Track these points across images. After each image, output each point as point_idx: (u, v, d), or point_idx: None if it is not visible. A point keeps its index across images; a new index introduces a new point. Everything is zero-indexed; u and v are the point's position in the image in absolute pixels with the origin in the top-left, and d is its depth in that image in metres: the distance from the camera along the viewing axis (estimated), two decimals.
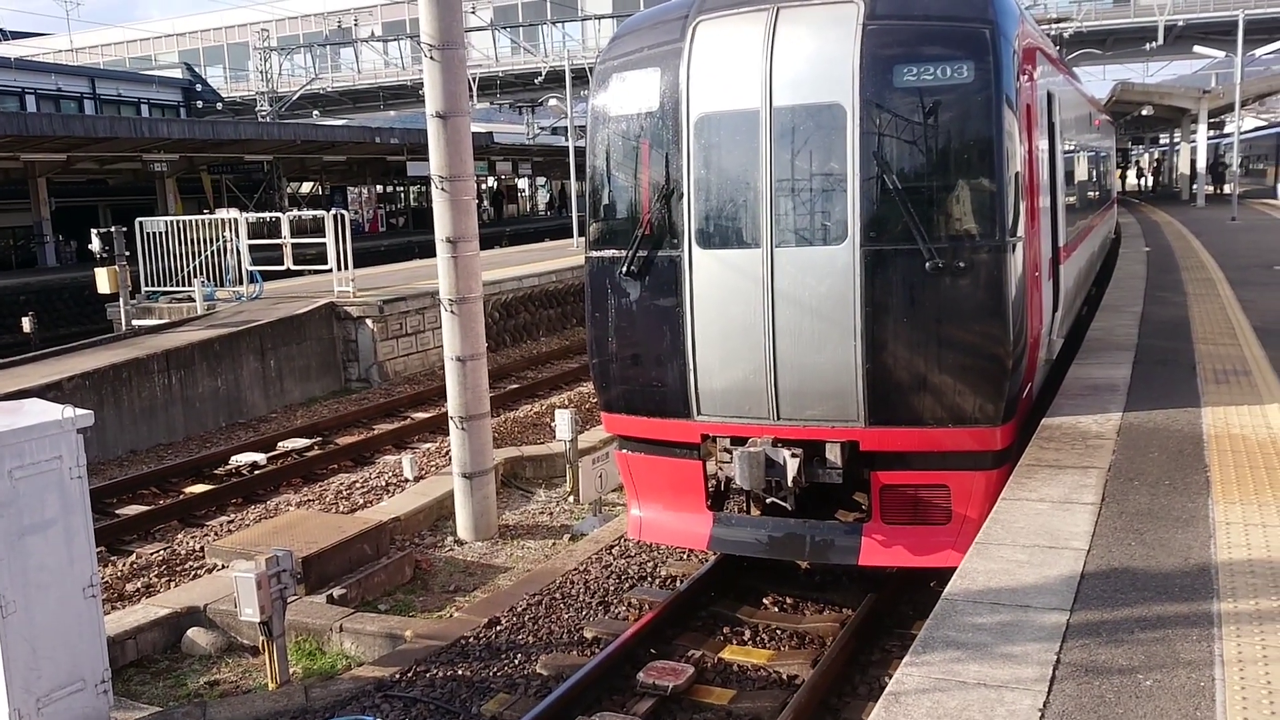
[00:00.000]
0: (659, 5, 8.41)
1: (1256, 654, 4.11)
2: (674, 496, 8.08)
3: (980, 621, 4.54)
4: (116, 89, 52.43)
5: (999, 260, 6.94)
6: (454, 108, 10.25)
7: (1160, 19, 43.88)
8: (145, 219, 21.56)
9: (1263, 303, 13.32)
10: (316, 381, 18.75)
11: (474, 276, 10.63)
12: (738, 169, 7.37)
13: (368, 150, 38.88)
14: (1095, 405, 8.11)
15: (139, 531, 11.60)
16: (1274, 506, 5.77)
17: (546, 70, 50.12)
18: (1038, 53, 8.59)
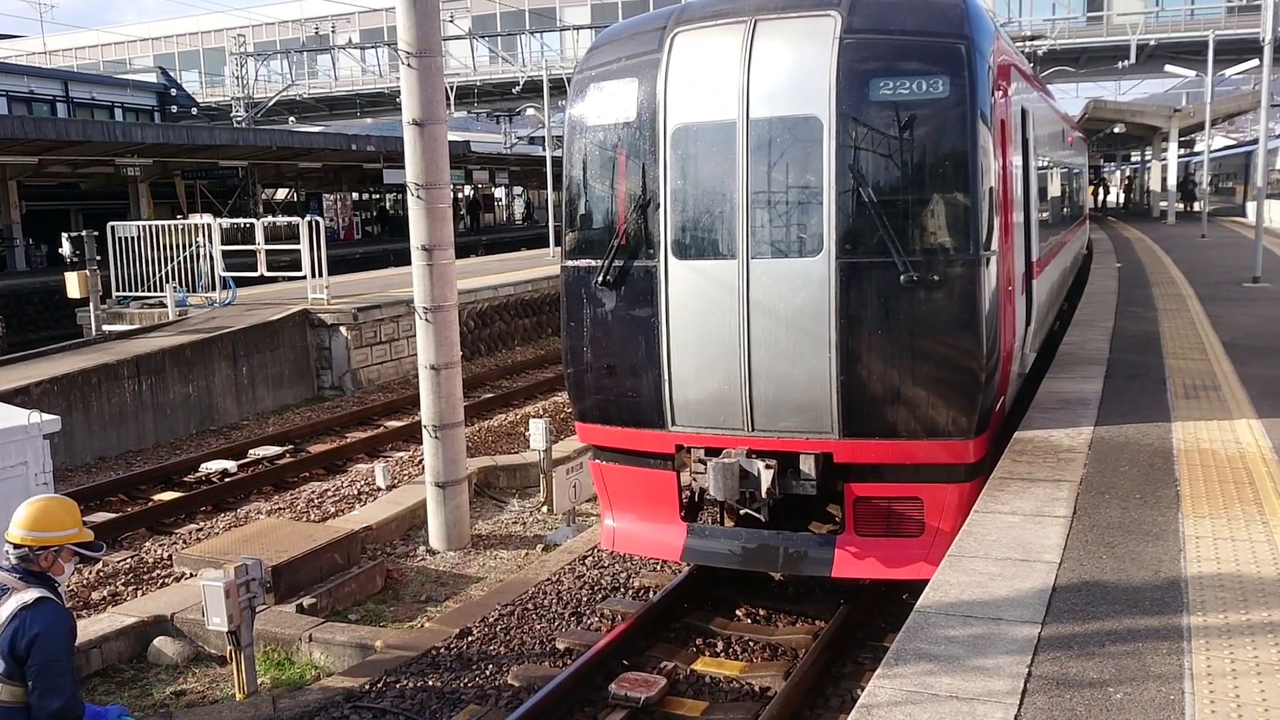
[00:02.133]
0: (637, 16, 8.42)
1: (1225, 668, 4.14)
2: (648, 507, 8.05)
3: (952, 634, 4.55)
4: (90, 92, 51.96)
5: (973, 274, 6.98)
6: (431, 115, 10.22)
7: (1133, 38, 44.40)
8: (117, 223, 21.35)
9: (1231, 319, 13.48)
10: (289, 389, 18.60)
11: (449, 285, 10.59)
12: (714, 180, 7.38)
13: (344, 157, 38.74)
14: (1067, 419, 8.16)
15: (106, 539, 11.43)
16: (1243, 521, 5.82)
17: (524, 80, 50.10)
18: (1012, 69, 8.66)
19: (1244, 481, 6.54)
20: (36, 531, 4.47)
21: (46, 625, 4.28)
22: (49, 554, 4.50)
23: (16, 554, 4.47)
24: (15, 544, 4.47)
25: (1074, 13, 49.09)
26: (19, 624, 4.26)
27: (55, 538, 4.50)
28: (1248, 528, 5.71)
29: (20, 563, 4.46)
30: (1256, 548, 5.42)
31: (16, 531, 4.48)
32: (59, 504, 4.66)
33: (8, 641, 4.25)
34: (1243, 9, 39.13)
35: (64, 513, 4.59)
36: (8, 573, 4.46)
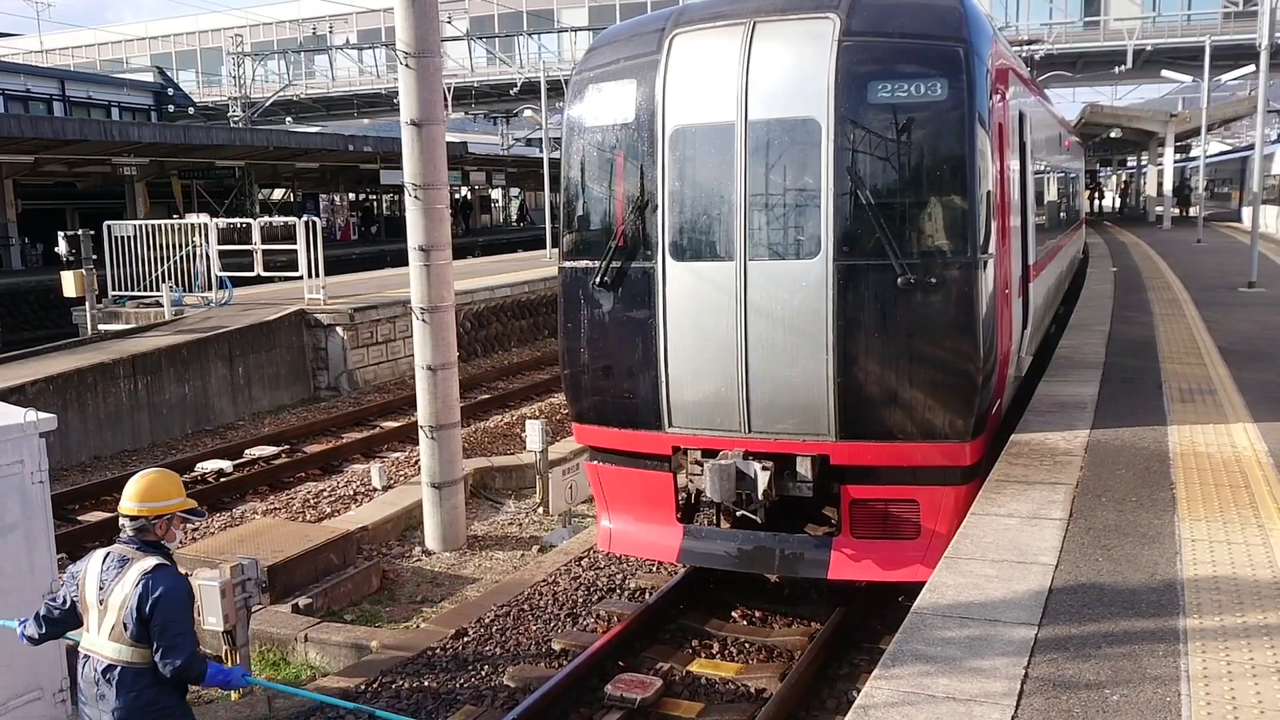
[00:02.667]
0: (636, 18, 8.42)
1: (1221, 669, 4.15)
2: (644, 508, 8.05)
3: (949, 635, 4.55)
4: (87, 91, 51.88)
5: (970, 277, 6.99)
6: (429, 116, 10.22)
7: (1129, 43, 44.49)
8: (113, 223, 21.33)
9: (1227, 323, 13.50)
10: (285, 389, 18.58)
11: (446, 285, 10.59)
12: (712, 182, 7.38)
13: (341, 158, 38.71)
14: (1063, 422, 8.18)
15: (101, 538, 11.40)
16: (1238, 524, 5.83)
17: (522, 81, 50.07)
18: (1010, 73, 8.67)
19: (1239, 485, 6.55)
20: (149, 502, 4.83)
21: (168, 587, 4.66)
22: (162, 522, 4.86)
23: (133, 525, 4.82)
24: (132, 516, 4.82)
25: (1071, 17, 49.20)
26: (144, 588, 4.63)
27: (166, 506, 4.86)
28: (1243, 531, 5.72)
29: (136, 534, 4.83)
30: (1252, 551, 5.43)
31: (132, 504, 4.82)
32: (164, 476, 5.02)
33: (135, 605, 4.62)
34: (1239, 14, 39.23)
35: (169, 484, 4.96)
36: (125, 544, 4.82)
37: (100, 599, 4.73)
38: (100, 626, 4.72)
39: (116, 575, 4.72)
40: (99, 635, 4.73)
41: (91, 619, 4.77)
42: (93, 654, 4.74)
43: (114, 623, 4.69)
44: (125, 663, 4.69)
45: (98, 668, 4.72)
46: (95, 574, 4.79)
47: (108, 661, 4.70)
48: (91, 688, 4.74)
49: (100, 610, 4.73)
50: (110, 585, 4.72)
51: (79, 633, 4.92)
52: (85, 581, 4.81)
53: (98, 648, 4.74)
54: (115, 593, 4.70)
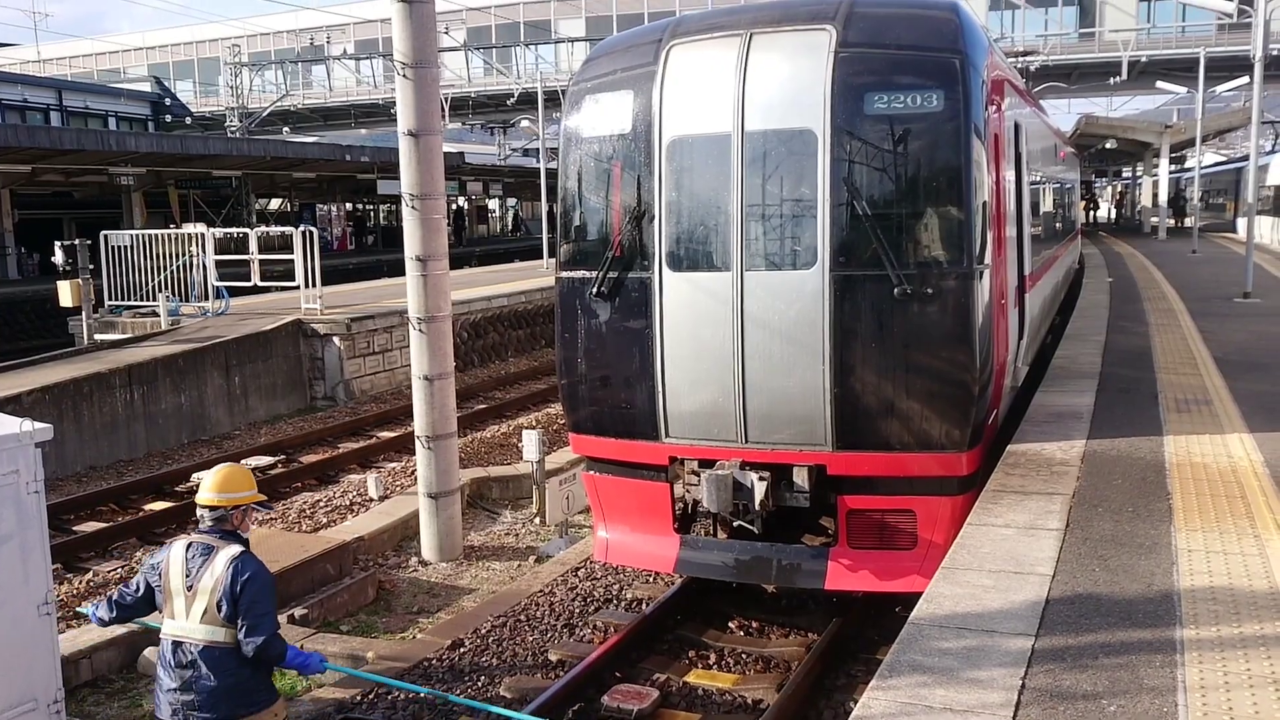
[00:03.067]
0: (633, 29, 8.44)
1: (1218, 680, 4.15)
2: (641, 519, 8.05)
3: (946, 646, 4.55)
4: (84, 101, 51.93)
5: (966, 287, 7.01)
6: (426, 126, 10.23)
7: (1124, 54, 44.68)
8: (110, 232, 21.32)
9: (1223, 334, 13.54)
10: (282, 399, 18.57)
11: (443, 295, 10.59)
12: (709, 192, 7.39)
13: (338, 168, 38.73)
14: (1060, 432, 8.19)
15: (97, 549, 11.40)
16: (1235, 534, 5.84)
17: (519, 91, 50.22)
18: (1005, 84, 8.71)
19: (1236, 495, 6.56)
20: (228, 493, 5.13)
21: (255, 571, 4.99)
22: (238, 513, 5.17)
23: (213, 516, 5.13)
24: (212, 506, 5.12)
25: (1066, 29, 49.41)
26: (235, 571, 4.93)
27: (241, 498, 5.17)
28: (1240, 541, 5.73)
29: (216, 524, 5.13)
30: (1248, 561, 5.44)
31: (212, 495, 5.12)
32: (239, 470, 5.34)
33: (228, 587, 4.91)
34: (1233, 26, 39.40)
35: (243, 478, 5.26)
36: (206, 534, 5.12)
37: (188, 585, 4.99)
38: (190, 611, 4.98)
39: (204, 562, 5.00)
40: (188, 620, 4.98)
41: (178, 605, 5.01)
42: (184, 639, 4.98)
43: (205, 606, 4.95)
44: (219, 644, 4.95)
45: (192, 650, 4.96)
46: (180, 562, 5.04)
47: (202, 644, 4.95)
48: (183, 671, 4.97)
49: (188, 596, 4.98)
50: (198, 572, 4.98)
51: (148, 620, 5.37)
52: (169, 570, 5.07)
53: (188, 632, 4.97)
54: (205, 578, 4.96)
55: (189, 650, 4.97)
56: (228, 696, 4.98)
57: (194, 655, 4.96)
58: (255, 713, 5.09)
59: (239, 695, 5.01)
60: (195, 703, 4.96)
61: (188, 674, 4.97)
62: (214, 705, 4.96)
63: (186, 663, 4.98)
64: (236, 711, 5.02)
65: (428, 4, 10.06)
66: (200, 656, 4.96)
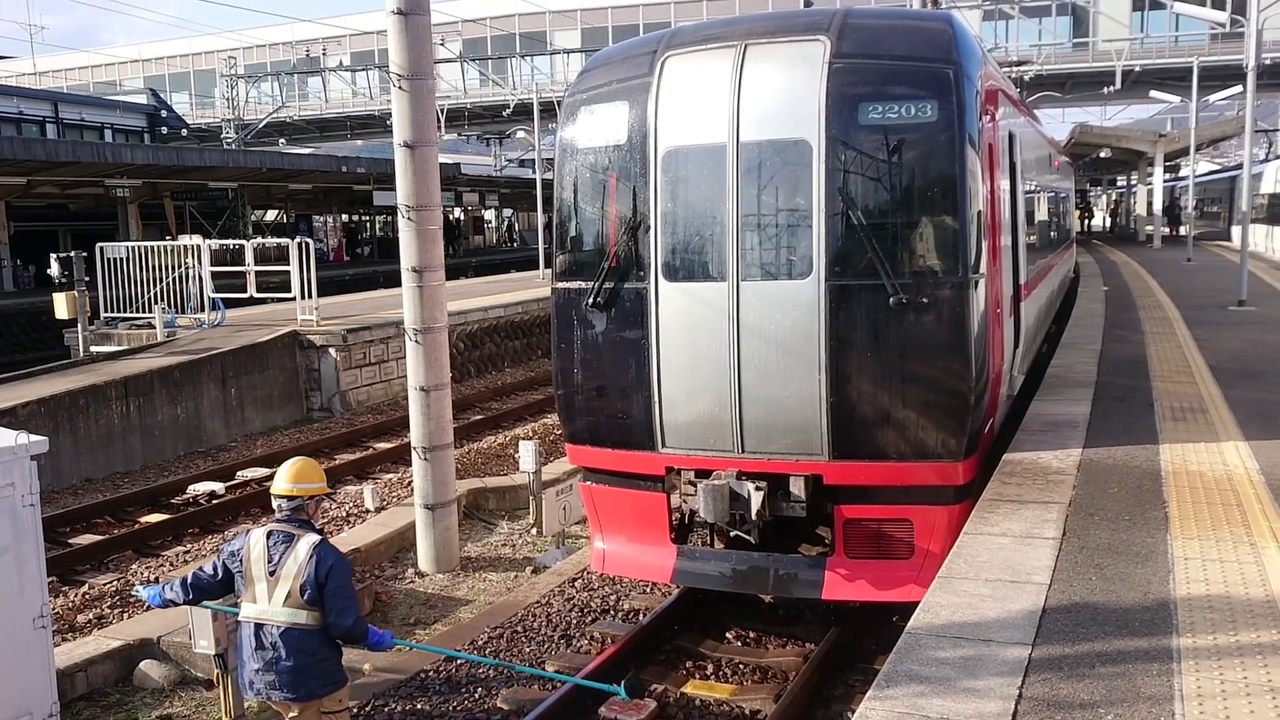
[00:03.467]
0: (628, 40, 8.46)
1: (1215, 689, 4.15)
2: (638, 529, 8.04)
3: (943, 656, 4.55)
4: (80, 113, 51.90)
5: (961, 297, 7.02)
6: (422, 138, 10.25)
7: (1118, 64, 44.83)
8: (106, 244, 21.32)
9: (1218, 342, 13.56)
10: (278, 410, 18.55)
11: (439, 306, 10.59)
12: (704, 203, 7.41)
13: (334, 179, 38.76)
14: (1056, 441, 8.19)
15: (92, 561, 11.38)
16: (1231, 542, 5.84)
17: (515, 102, 50.28)
18: (999, 94, 8.74)
19: (1231, 503, 6.57)
20: (304, 484, 5.51)
21: (336, 557, 5.37)
22: (312, 504, 5.55)
23: (290, 505, 5.47)
24: (289, 496, 5.47)
25: (1060, 38, 49.59)
26: (318, 558, 5.27)
27: (315, 488, 5.56)
28: (1235, 549, 5.73)
29: (293, 513, 5.47)
30: (1245, 569, 5.44)
31: (288, 486, 5.48)
32: (311, 463, 5.69)
33: (312, 572, 5.25)
34: (1226, 36, 39.55)
35: (315, 470, 5.63)
36: (284, 523, 5.45)
37: (271, 571, 5.31)
38: (272, 596, 5.30)
39: (286, 550, 5.32)
40: (271, 604, 5.30)
41: (260, 590, 5.32)
42: (266, 621, 5.30)
43: (289, 590, 5.27)
44: (300, 626, 5.28)
45: (273, 633, 5.28)
46: (262, 549, 5.36)
47: (284, 626, 5.28)
48: (265, 652, 5.30)
49: (271, 581, 5.30)
50: (281, 559, 5.31)
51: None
52: (251, 557, 5.37)
53: (271, 615, 5.30)
54: (287, 564, 5.29)
55: (271, 632, 5.28)
56: (307, 675, 5.30)
57: (275, 637, 5.27)
58: (331, 691, 5.43)
59: (317, 674, 5.33)
60: (276, 682, 5.29)
61: (269, 655, 5.28)
62: (294, 684, 5.28)
63: (268, 644, 5.29)
64: (314, 690, 5.34)
65: (423, 16, 10.09)
66: (281, 638, 5.26)
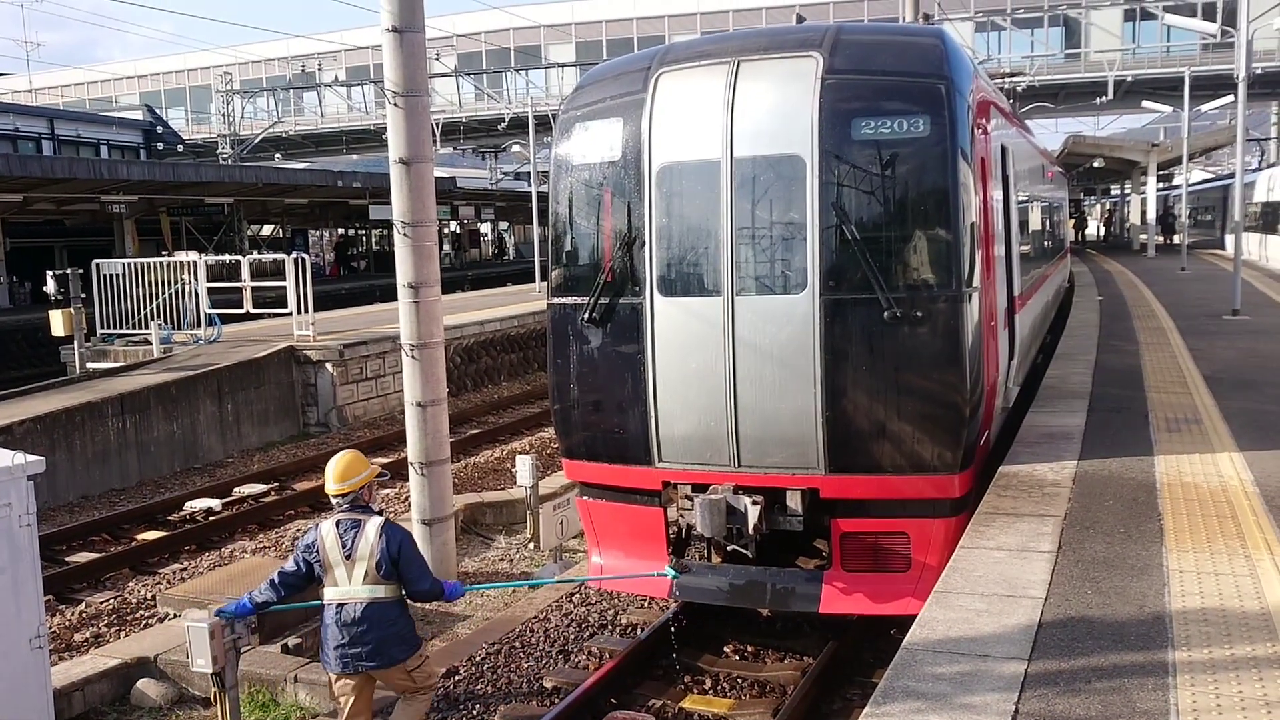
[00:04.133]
0: (622, 57, 8.50)
1: (1210, 703, 4.16)
2: (635, 543, 8.05)
3: (940, 671, 4.56)
4: (75, 130, 52.02)
5: (956, 310, 7.05)
6: (417, 154, 10.27)
7: (1110, 74, 45.03)
8: (102, 260, 21.33)
9: (1212, 352, 13.59)
10: (275, 426, 18.54)
11: (435, 321, 10.60)
12: (699, 218, 7.44)
13: (330, 193, 38.80)
14: (1051, 453, 8.21)
15: (89, 579, 11.36)
16: (1225, 555, 5.86)
17: (510, 116, 50.40)
18: (991, 106, 8.79)
19: (1226, 515, 6.58)
20: (350, 480, 6.09)
21: (403, 534, 6.08)
22: (366, 490, 6.15)
23: (347, 500, 6.08)
24: (344, 494, 6.07)
25: (1052, 50, 49.80)
26: (387, 537, 5.94)
27: (363, 480, 6.13)
28: (1230, 561, 5.75)
29: (353, 505, 6.09)
30: (1239, 582, 5.46)
31: (339, 485, 6.07)
32: (352, 457, 6.22)
33: (385, 549, 5.90)
34: (1217, 46, 39.78)
35: (359, 461, 6.20)
36: (347, 513, 6.06)
37: (347, 555, 5.94)
38: (352, 576, 5.94)
39: (356, 534, 5.96)
40: (351, 584, 5.94)
41: (340, 574, 5.96)
42: (348, 600, 5.93)
43: (366, 569, 5.92)
44: (380, 599, 5.94)
45: (357, 609, 5.91)
46: (334, 538, 5.98)
47: (366, 601, 5.92)
48: (350, 628, 5.91)
49: (349, 564, 5.94)
50: (353, 543, 5.94)
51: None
52: (325, 546, 5.99)
53: (353, 594, 5.93)
54: (360, 546, 5.93)
55: (353, 610, 5.91)
56: (390, 643, 5.97)
57: (358, 613, 5.90)
58: (412, 653, 6.12)
59: (399, 640, 6.02)
60: (363, 653, 5.93)
61: (355, 630, 5.91)
62: (379, 653, 5.95)
63: (352, 620, 5.90)
64: (397, 655, 6.01)
65: (418, 34, 10.12)
66: (364, 613, 5.89)
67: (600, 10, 58.44)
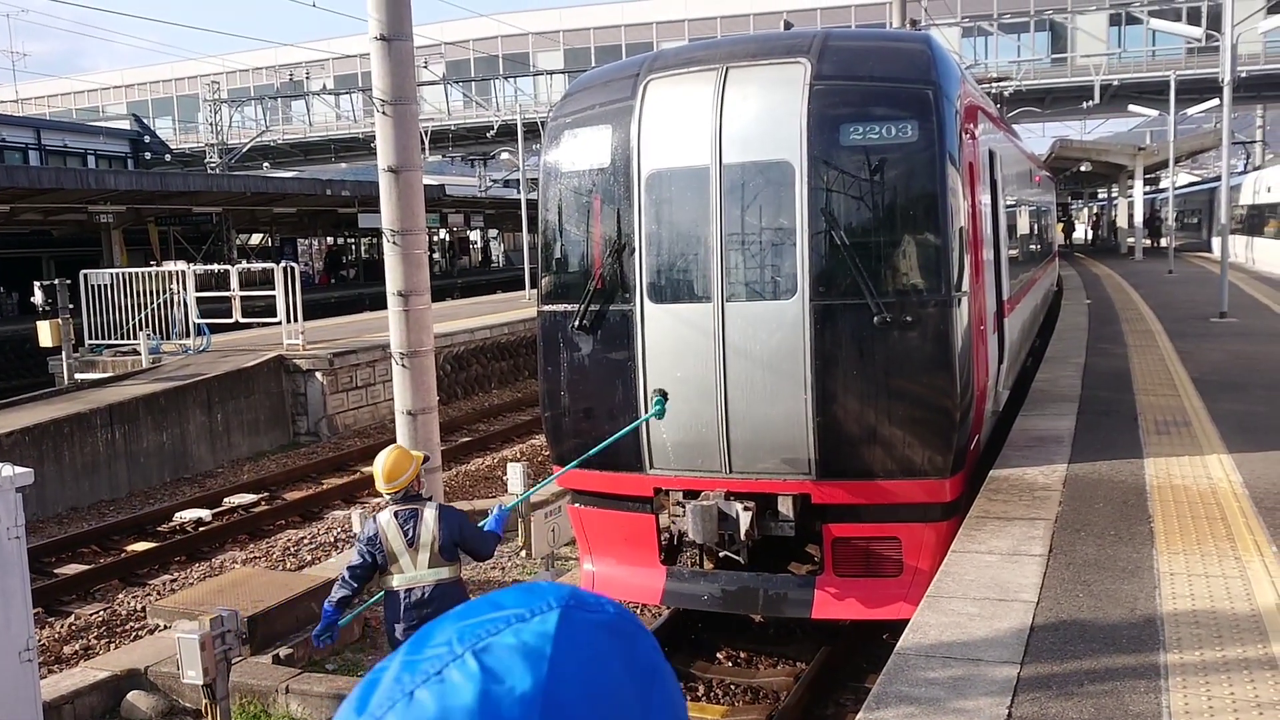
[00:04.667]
0: (610, 64, 8.51)
1: (1202, 705, 4.17)
2: (627, 551, 8.04)
3: (933, 676, 4.56)
4: (62, 140, 51.77)
5: (945, 315, 7.07)
6: (406, 162, 10.26)
7: (1096, 79, 45.24)
8: (90, 271, 21.24)
9: (1200, 354, 13.65)
10: (264, 435, 18.48)
11: (425, 330, 10.58)
12: (688, 225, 7.45)
13: (318, 202, 38.68)
14: (1041, 456, 8.23)
15: (78, 591, 11.29)
16: (1216, 556, 5.88)
17: (498, 124, 50.41)
18: (979, 111, 8.82)
19: (1216, 517, 6.61)
20: (399, 479, 6.41)
21: (460, 514, 6.56)
22: (415, 483, 6.50)
23: (399, 496, 6.39)
24: (394, 491, 6.37)
25: (1038, 54, 50.02)
26: (445, 520, 6.37)
27: (410, 475, 6.45)
28: (1220, 563, 5.77)
29: (405, 497, 6.42)
30: (1230, 583, 5.47)
31: (389, 485, 6.38)
32: (400, 453, 6.58)
33: (445, 532, 6.30)
34: (1202, 50, 39.99)
35: (405, 456, 6.53)
36: (403, 504, 6.39)
37: (409, 542, 6.29)
38: (417, 562, 6.30)
39: (414, 522, 6.32)
40: (417, 569, 6.30)
41: (405, 561, 6.30)
42: (415, 585, 6.29)
43: (429, 554, 6.29)
44: (445, 580, 6.33)
45: (425, 592, 6.28)
46: (395, 529, 6.31)
47: (432, 584, 6.30)
48: (418, 609, 6.24)
49: (412, 551, 6.29)
50: (414, 531, 6.30)
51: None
52: (389, 537, 6.32)
53: (419, 579, 6.30)
54: (422, 533, 6.29)
55: (422, 592, 6.27)
56: None
57: (426, 595, 6.26)
58: None
59: None
60: None
61: (424, 611, 6.20)
62: None
63: (420, 601, 6.25)
64: None
65: (406, 42, 10.12)
66: (432, 594, 6.25)
67: (588, 17, 58.54)
